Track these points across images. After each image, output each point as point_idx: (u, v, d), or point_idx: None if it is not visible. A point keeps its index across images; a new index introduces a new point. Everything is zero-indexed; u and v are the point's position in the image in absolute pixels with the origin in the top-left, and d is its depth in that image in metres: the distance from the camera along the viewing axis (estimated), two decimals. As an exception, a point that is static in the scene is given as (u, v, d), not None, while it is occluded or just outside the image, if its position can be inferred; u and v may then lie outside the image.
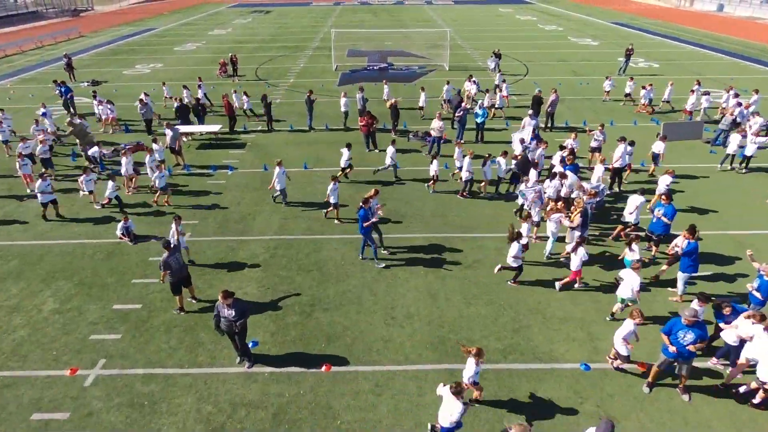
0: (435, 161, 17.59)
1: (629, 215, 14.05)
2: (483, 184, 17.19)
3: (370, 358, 10.39)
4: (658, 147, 18.08)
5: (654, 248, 13.54)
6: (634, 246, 11.89)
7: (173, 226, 12.78)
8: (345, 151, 18.10)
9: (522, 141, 18.26)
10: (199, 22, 61.47)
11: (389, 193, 17.57)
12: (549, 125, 23.42)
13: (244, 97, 25.56)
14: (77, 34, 52.39)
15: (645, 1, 78.26)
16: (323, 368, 10.14)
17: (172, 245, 11.34)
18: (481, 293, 12.36)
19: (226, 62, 34.07)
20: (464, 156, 17.10)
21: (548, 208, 13.74)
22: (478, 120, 21.78)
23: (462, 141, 20.57)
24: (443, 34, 44.22)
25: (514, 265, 12.19)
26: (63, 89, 25.09)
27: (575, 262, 11.79)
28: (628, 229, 14.23)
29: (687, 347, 8.72)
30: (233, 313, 9.40)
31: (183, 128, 21.91)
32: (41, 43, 47.17)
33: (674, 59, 38.13)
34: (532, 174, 15.41)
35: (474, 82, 27.18)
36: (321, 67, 36.78)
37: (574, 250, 11.77)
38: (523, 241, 12.17)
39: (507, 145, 20.81)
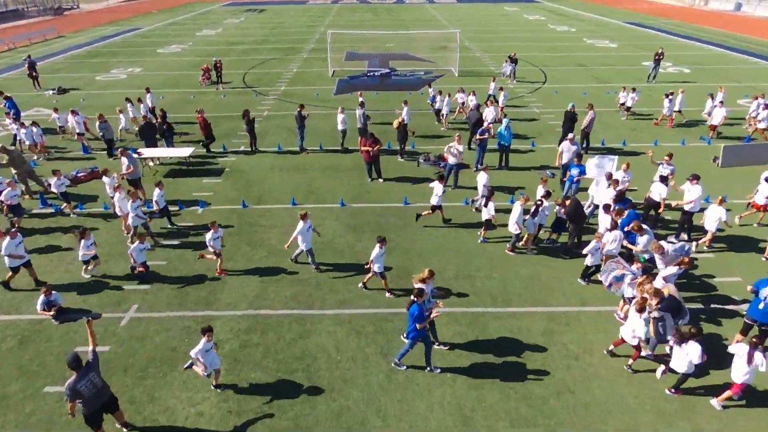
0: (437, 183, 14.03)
1: (710, 224, 12.75)
2: (526, 238, 13.32)
3: None
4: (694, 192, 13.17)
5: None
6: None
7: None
8: (437, 186, 14.20)
9: (609, 176, 13.66)
10: (188, 21, 57.52)
11: (396, 238, 13.82)
12: (584, 147, 19.66)
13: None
14: (55, 35, 48.43)
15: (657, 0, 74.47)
16: None
17: (84, 362, 7.56)
18: (535, 415, 8.63)
19: (210, 68, 30.23)
20: (515, 202, 13.11)
21: (638, 283, 9.76)
22: (504, 141, 17.99)
23: (484, 167, 16.94)
24: (451, 36, 40.48)
25: None
26: (7, 104, 21.26)
27: (741, 373, 8.23)
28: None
29: None
30: None
31: (147, 152, 18.11)
32: (14, 45, 43.20)
33: (704, 63, 34.38)
34: (610, 235, 11.44)
35: (469, 93, 23.57)
36: (316, 72, 32.95)
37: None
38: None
39: (538, 169, 17.16)
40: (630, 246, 11.53)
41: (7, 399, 9.04)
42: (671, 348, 8.77)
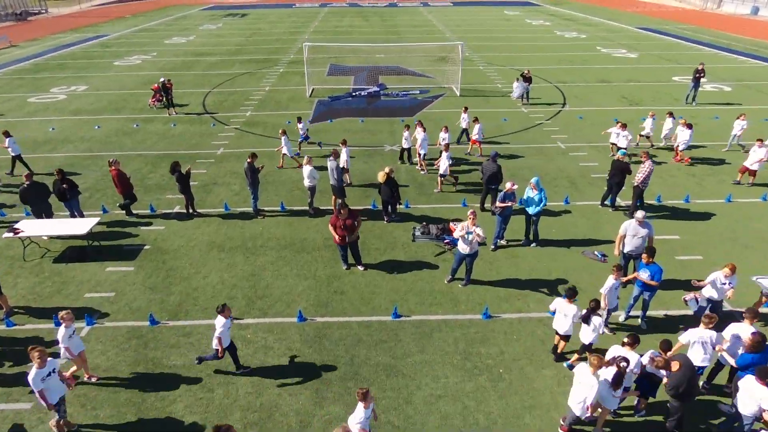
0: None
1: None
2: (599, 415, 7.91)
3: None
4: None
5: None
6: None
7: None
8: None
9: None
10: (160, 27, 51.88)
11: (384, 397, 8.49)
12: (636, 206, 14.34)
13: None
14: (7, 44, 42.73)
15: (663, 2, 69.45)
16: None
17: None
18: None
19: (160, 88, 24.77)
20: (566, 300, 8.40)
21: None
22: (531, 210, 12.65)
23: (504, 241, 11.78)
24: (452, 48, 35.23)
25: None
26: None
27: None
28: None
29: None
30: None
31: (29, 227, 12.64)
32: (-48, 56, 37.52)
33: (746, 79, 29.21)
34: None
35: (473, 121, 18.81)
36: (291, 91, 27.50)
37: None
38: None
39: (582, 243, 11.89)
40: None
41: None
42: None
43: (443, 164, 15.60)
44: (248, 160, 13.92)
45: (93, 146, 20.07)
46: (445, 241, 12.95)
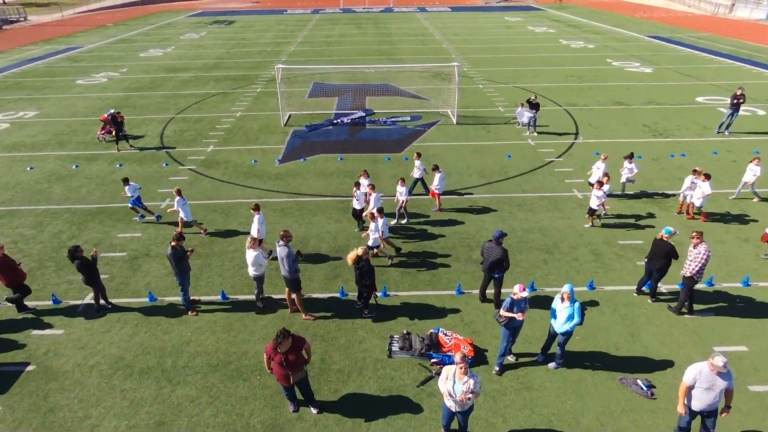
0: None
1: None
2: None
3: None
4: None
5: None
6: None
7: None
8: None
9: None
10: (139, 38, 48.38)
11: None
12: (689, 307, 10.82)
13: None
14: (-32, 58, 39.30)
15: (671, 7, 65.82)
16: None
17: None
18: None
19: (110, 119, 21.26)
20: None
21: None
22: (558, 327, 9.03)
23: (512, 357, 8.58)
24: (447, 68, 31.80)
25: None
26: None
27: None
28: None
29: None
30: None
31: None
32: None
33: (780, 100, 25.69)
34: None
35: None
36: (265, 118, 23.99)
37: None
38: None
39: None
40: None
41: None
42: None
43: (373, 234, 12.16)
44: (172, 243, 10.40)
45: (15, 197, 16.58)
46: (432, 360, 9.47)
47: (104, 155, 19.98)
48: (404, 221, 14.57)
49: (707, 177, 13.97)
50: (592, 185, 14.44)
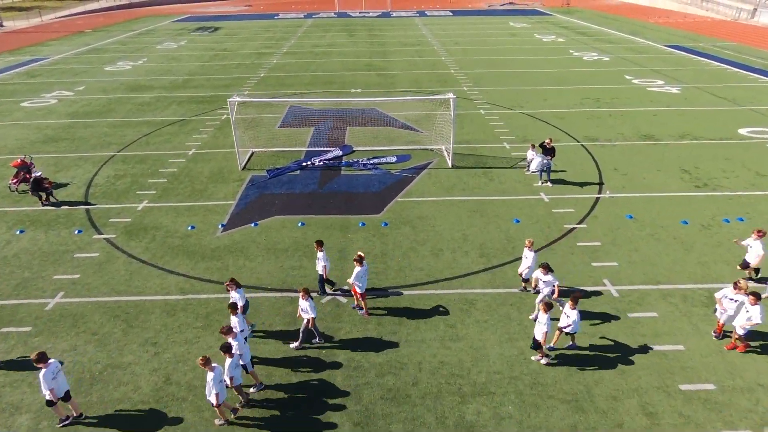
0: None
1: None
2: None
3: None
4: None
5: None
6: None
7: None
8: None
9: None
10: (112, 47, 44.13)
11: None
12: None
13: None
14: None
15: (688, 11, 61.09)
16: None
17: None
18: None
19: (22, 166, 17.04)
20: None
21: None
22: None
23: None
24: (438, 108, 27.52)
25: None
26: None
27: None
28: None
29: None
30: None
31: None
32: None
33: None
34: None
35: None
36: (222, 157, 19.70)
37: None
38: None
39: None
40: None
41: None
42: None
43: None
44: None
45: None
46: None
47: (8, 214, 15.75)
48: (315, 340, 10.30)
49: (760, 234, 10.25)
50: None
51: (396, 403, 8.93)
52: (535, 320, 10.11)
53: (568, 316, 9.64)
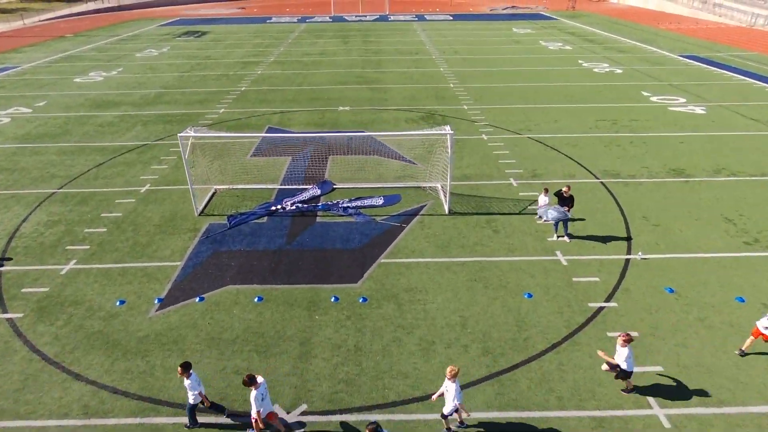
0: None
1: None
2: None
3: None
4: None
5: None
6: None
7: None
8: None
9: None
10: (89, 55, 41.03)
11: None
12: None
13: None
14: None
15: (698, 16, 57.87)
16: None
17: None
18: None
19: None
20: None
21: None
22: None
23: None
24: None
25: None
26: None
27: None
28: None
29: None
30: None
31: None
32: None
33: None
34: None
35: None
36: (179, 197, 16.60)
37: None
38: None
39: None
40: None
41: None
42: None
43: None
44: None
45: None
46: None
47: None
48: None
49: None
50: None
51: None
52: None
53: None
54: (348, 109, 25.60)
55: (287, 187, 17.19)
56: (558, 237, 13.94)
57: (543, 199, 14.57)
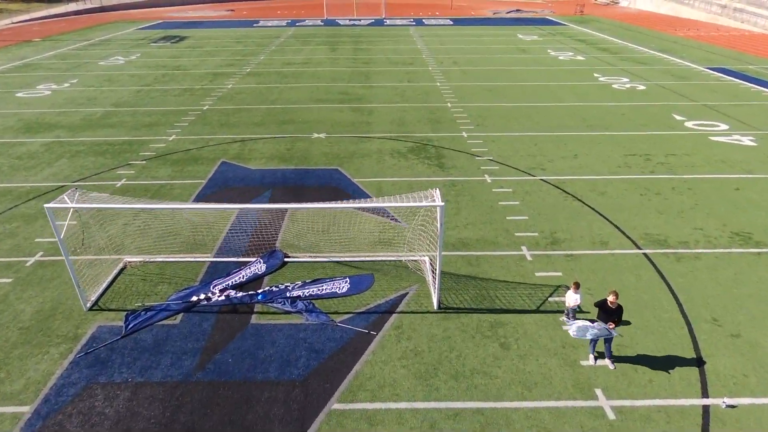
0: None
1: None
2: None
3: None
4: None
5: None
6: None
7: None
8: None
9: None
10: (47, 63, 36.54)
11: None
12: None
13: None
14: None
15: (718, 22, 53.22)
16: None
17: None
18: None
19: None
20: None
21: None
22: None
23: None
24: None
25: None
26: None
27: None
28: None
29: None
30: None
31: None
32: None
33: None
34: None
35: None
36: (65, 282, 12.04)
37: None
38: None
39: None
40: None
41: None
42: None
43: None
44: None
45: None
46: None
47: None
48: None
49: None
50: None
51: None
52: None
53: None
54: (323, 136, 21.08)
55: (223, 259, 12.68)
56: (595, 360, 9.42)
57: (573, 297, 10.05)
